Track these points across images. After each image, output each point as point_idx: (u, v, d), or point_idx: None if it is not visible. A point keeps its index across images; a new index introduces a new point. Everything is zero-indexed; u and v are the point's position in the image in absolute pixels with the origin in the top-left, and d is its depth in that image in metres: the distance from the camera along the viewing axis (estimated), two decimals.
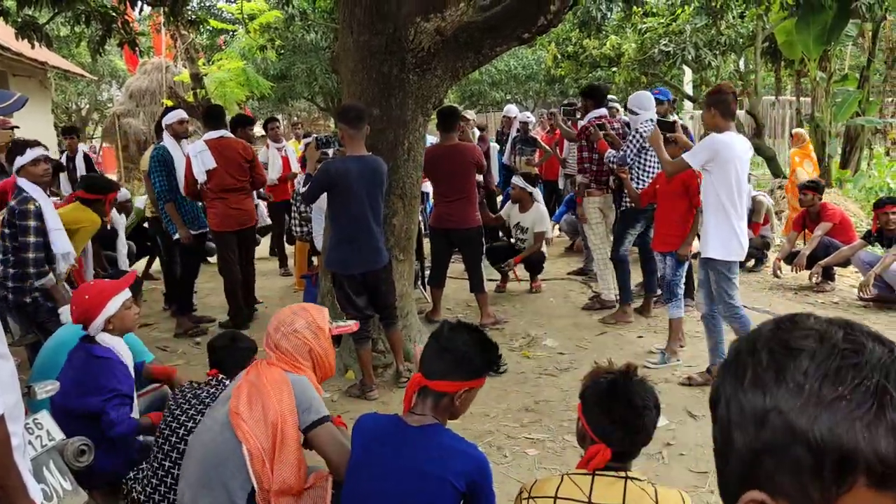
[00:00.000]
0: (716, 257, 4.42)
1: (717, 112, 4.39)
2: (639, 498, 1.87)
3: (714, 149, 4.34)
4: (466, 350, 2.21)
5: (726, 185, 4.37)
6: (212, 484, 2.39)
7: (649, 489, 1.89)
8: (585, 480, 1.93)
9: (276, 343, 2.62)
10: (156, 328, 6.45)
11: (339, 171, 4.44)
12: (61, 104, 25.39)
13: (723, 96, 4.39)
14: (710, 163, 4.36)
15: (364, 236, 4.56)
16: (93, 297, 3.20)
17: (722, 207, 4.39)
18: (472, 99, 24.24)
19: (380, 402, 4.59)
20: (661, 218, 5.20)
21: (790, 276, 7.52)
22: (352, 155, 4.51)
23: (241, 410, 2.43)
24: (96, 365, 3.11)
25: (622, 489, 1.89)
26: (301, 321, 2.66)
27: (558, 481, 1.96)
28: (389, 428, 2.25)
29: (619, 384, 2.03)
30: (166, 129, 6.11)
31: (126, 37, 7.32)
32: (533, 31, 4.87)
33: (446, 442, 2.18)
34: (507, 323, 6.18)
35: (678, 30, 11.93)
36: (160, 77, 16.30)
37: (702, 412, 4.29)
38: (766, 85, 18.15)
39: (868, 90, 12.59)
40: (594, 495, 1.89)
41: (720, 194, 4.38)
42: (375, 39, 4.85)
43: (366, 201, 4.50)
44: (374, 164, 4.54)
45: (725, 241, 4.40)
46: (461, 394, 2.21)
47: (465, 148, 6.05)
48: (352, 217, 4.51)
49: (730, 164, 4.35)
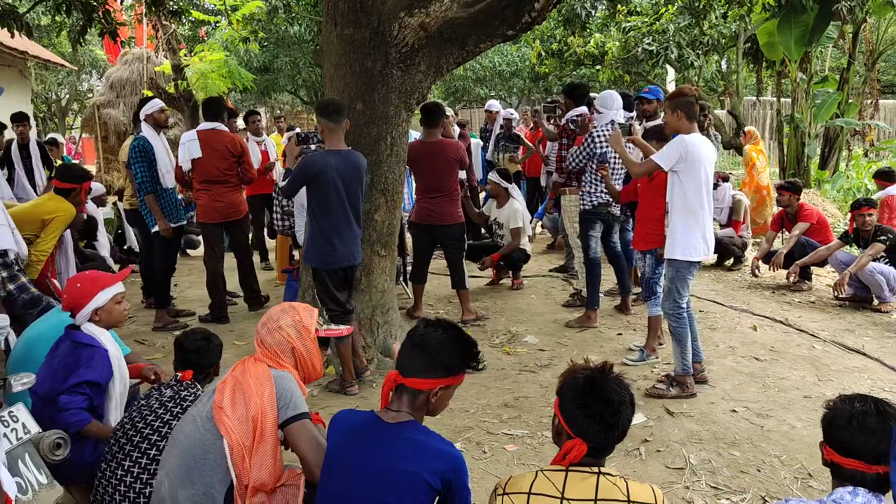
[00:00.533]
0: (680, 258, 4.41)
1: (683, 114, 4.38)
2: (610, 492, 1.90)
3: (684, 149, 4.32)
4: (441, 348, 2.21)
5: (695, 186, 4.36)
6: (192, 475, 2.40)
7: (621, 484, 1.92)
8: (559, 476, 1.95)
9: (261, 338, 2.64)
10: (134, 321, 6.40)
11: (319, 165, 4.41)
12: (41, 94, 25.07)
13: (687, 99, 4.37)
14: (681, 163, 4.34)
15: (345, 231, 4.55)
16: (85, 286, 3.17)
17: (690, 208, 4.39)
18: (457, 95, 24.22)
19: (360, 398, 4.59)
20: (641, 216, 5.22)
21: (768, 275, 7.60)
22: (331, 149, 4.49)
23: (224, 405, 2.44)
24: (78, 352, 3.08)
25: (594, 484, 1.92)
26: (287, 319, 2.67)
27: (533, 477, 1.98)
28: (365, 425, 2.24)
29: (596, 380, 2.04)
30: (146, 119, 6.04)
31: (107, 27, 7.22)
32: (517, 28, 4.88)
33: (421, 439, 2.17)
34: (488, 319, 6.19)
35: (661, 29, 11.98)
36: (141, 68, 16.12)
37: (679, 409, 4.33)
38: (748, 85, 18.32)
39: (848, 92, 12.72)
40: (567, 491, 1.92)
41: (689, 195, 4.37)
42: (359, 33, 4.84)
43: (345, 196, 4.49)
44: (354, 158, 4.53)
45: (693, 241, 4.39)
46: (437, 391, 2.21)
47: (448, 144, 6.05)
48: (332, 212, 4.49)
49: (699, 165, 4.34)
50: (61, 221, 5.02)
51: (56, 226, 4.98)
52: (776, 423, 4.11)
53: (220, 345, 3.27)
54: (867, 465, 1.95)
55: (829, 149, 13.22)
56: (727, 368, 5.02)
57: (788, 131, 12.70)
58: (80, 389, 2.99)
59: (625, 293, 6.37)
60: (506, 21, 4.78)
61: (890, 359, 5.11)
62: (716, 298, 6.83)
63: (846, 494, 1.96)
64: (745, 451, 3.80)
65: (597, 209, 5.90)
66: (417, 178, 6.13)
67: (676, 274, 4.45)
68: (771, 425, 4.10)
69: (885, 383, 4.73)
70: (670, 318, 4.52)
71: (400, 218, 5.59)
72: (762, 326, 5.97)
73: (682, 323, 4.48)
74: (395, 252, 5.54)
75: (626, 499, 1.89)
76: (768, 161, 10.84)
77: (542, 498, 1.92)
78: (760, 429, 4.07)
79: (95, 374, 3.03)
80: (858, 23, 12.22)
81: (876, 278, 6.30)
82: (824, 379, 4.82)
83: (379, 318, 5.20)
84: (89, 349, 3.08)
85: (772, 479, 3.53)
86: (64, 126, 26.91)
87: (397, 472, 2.10)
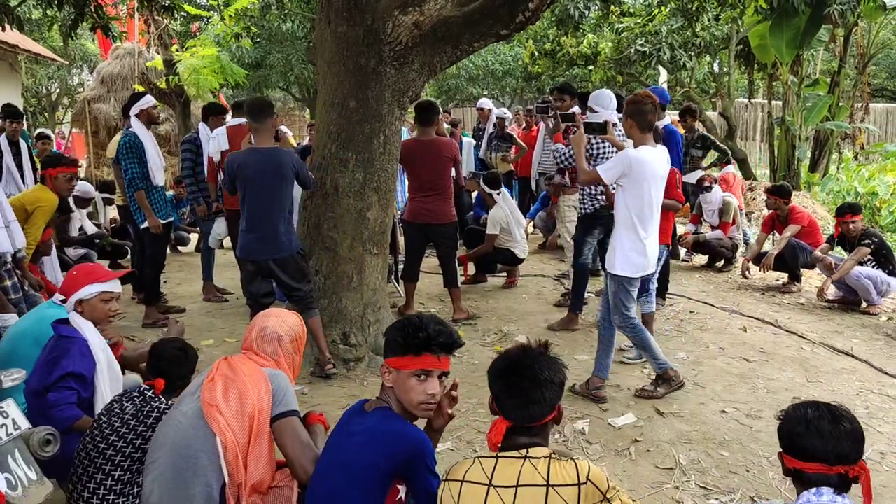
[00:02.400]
0: (620, 274, 4.30)
1: (635, 123, 4.20)
2: (531, 476, 1.92)
3: (627, 165, 4.14)
4: (394, 330, 2.31)
5: (637, 203, 4.21)
6: (184, 478, 2.36)
7: (542, 467, 1.93)
8: (490, 463, 1.99)
9: (261, 347, 2.67)
10: (125, 317, 6.37)
11: (239, 163, 4.62)
12: (31, 88, 24.91)
13: (641, 106, 4.16)
14: (623, 178, 4.18)
15: (264, 226, 4.67)
16: (80, 275, 3.22)
17: (631, 224, 4.25)
18: (449, 94, 24.22)
19: (350, 395, 4.58)
20: None
21: (758, 277, 7.64)
22: (254, 147, 4.68)
23: (217, 402, 2.41)
24: (60, 344, 3.07)
25: (518, 469, 1.94)
26: (286, 328, 2.74)
27: (469, 464, 2.03)
28: (347, 415, 2.31)
29: (520, 357, 2.10)
30: (139, 115, 6.00)
31: (99, 21, 7.19)
32: (511, 28, 4.88)
33: (379, 424, 2.19)
34: (479, 318, 6.20)
35: (654, 30, 12.01)
36: (132, 63, 16.05)
37: (668, 410, 4.35)
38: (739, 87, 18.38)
39: (838, 95, 12.78)
40: (495, 478, 1.94)
41: (631, 210, 4.23)
42: (353, 31, 4.83)
43: (267, 192, 4.64)
44: (276, 156, 4.66)
45: (631, 258, 4.27)
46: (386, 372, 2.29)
47: (443, 143, 6.05)
48: (252, 207, 4.66)
49: (643, 182, 4.17)
50: (45, 211, 5.07)
51: (40, 215, 5.04)
52: (765, 424, 4.13)
53: (196, 357, 3.14)
54: (829, 467, 2.01)
55: (819, 151, 13.28)
56: (717, 369, 5.04)
57: (779, 133, 12.76)
58: (66, 384, 2.97)
59: None
60: (500, 20, 4.78)
61: (878, 361, 5.14)
62: (706, 299, 6.85)
63: (812, 497, 2.01)
64: (735, 452, 3.82)
65: (598, 212, 5.74)
66: (411, 176, 6.12)
67: (619, 288, 4.34)
68: (760, 426, 4.12)
69: (874, 385, 4.76)
70: (624, 331, 4.45)
71: (392, 216, 5.59)
72: (752, 328, 6.00)
73: (636, 331, 4.41)
74: (387, 250, 5.54)
75: (546, 482, 1.90)
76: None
77: (472, 485, 1.96)
78: (750, 429, 4.09)
79: (77, 366, 3.01)
80: (850, 26, 12.28)
81: (863, 282, 6.33)
82: (813, 380, 4.85)
83: (370, 316, 5.19)
84: (68, 340, 3.06)
85: (760, 479, 3.55)
86: (54, 121, 26.73)
87: (356, 459, 2.13)
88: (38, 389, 3.00)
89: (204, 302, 6.87)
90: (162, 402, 2.82)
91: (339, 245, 5.07)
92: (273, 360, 2.63)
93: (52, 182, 5.33)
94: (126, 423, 2.73)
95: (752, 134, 18.33)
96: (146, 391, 2.87)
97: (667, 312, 6.01)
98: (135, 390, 2.91)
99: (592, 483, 1.92)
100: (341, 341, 5.07)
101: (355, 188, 5.01)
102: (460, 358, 5.26)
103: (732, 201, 8.14)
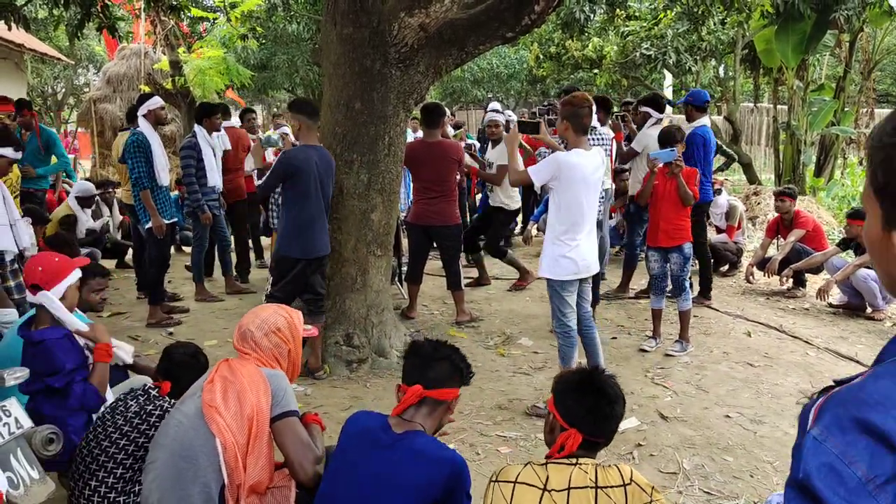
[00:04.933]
0: (549, 276, 4.24)
1: (570, 126, 4.11)
2: (581, 479, 2.03)
3: (557, 167, 4.07)
4: (458, 358, 2.45)
5: (568, 206, 4.13)
6: (184, 479, 2.35)
7: (591, 471, 2.05)
8: (542, 469, 2.09)
9: (255, 341, 2.62)
10: (128, 317, 6.38)
11: (301, 158, 4.63)
12: (37, 87, 24.97)
13: (576, 109, 4.08)
14: (554, 181, 4.11)
15: (321, 221, 4.77)
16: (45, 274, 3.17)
17: (561, 227, 4.19)
18: (454, 96, 24.22)
19: (352, 398, 4.58)
20: (665, 215, 5.30)
21: (763, 282, 7.62)
22: (309, 145, 4.72)
23: (216, 403, 2.40)
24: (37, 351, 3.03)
25: (569, 473, 2.05)
26: (282, 321, 2.69)
27: (521, 467, 2.12)
28: (375, 429, 2.30)
29: (591, 376, 2.22)
30: (147, 115, 6.02)
31: (105, 21, 7.20)
32: (517, 31, 4.88)
33: (423, 448, 2.22)
34: (482, 321, 6.19)
35: (660, 34, 12.00)
36: (138, 63, 16.08)
37: (673, 414, 4.34)
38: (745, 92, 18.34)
39: (844, 100, 12.75)
40: (549, 482, 2.04)
41: (562, 213, 4.17)
42: (358, 33, 4.83)
43: (326, 190, 4.76)
44: (328, 155, 4.82)
45: (561, 261, 4.18)
46: (455, 401, 2.41)
47: (448, 145, 6.05)
48: (312, 202, 4.69)
49: (573, 185, 4.09)
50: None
51: None
52: (769, 430, 4.12)
53: (206, 365, 3.13)
54: None
55: (824, 156, 13.24)
56: (721, 374, 5.03)
57: (784, 138, 12.73)
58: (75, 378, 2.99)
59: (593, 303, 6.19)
60: (505, 23, 4.78)
61: None
62: (710, 304, 6.83)
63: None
64: (739, 457, 3.81)
65: None
66: (416, 178, 6.12)
67: (553, 292, 4.28)
68: (764, 431, 4.11)
69: None
70: (559, 336, 4.35)
71: (396, 218, 5.59)
72: (756, 332, 5.98)
73: (570, 342, 4.30)
74: (391, 252, 5.53)
75: (595, 484, 2.02)
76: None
77: (526, 487, 2.05)
78: (754, 434, 4.08)
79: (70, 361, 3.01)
80: (855, 32, 12.25)
81: (869, 285, 6.31)
82: (818, 386, 4.81)
83: (374, 317, 5.18)
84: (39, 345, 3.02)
85: (764, 484, 3.53)
86: (59, 120, 26.80)
87: (399, 477, 2.15)
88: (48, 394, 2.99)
89: (208, 302, 6.86)
90: (165, 402, 2.83)
91: (343, 246, 5.07)
92: (257, 357, 2.60)
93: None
94: (129, 420, 2.75)
95: (757, 138, 18.30)
96: (151, 390, 2.89)
97: (670, 316, 5.99)
98: (139, 389, 2.92)
99: (637, 484, 2.04)
100: (344, 343, 5.07)
101: (360, 189, 5.01)
102: None
103: (739, 206, 8.13)
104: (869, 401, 0.83)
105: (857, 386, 0.87)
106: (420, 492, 2.14)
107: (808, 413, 0.92)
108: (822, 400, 0.90)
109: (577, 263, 4.21)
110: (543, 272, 4.29)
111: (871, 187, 0.93)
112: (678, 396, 4.62)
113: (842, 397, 0.87)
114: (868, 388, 0.85)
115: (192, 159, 6.61)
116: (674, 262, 5.35)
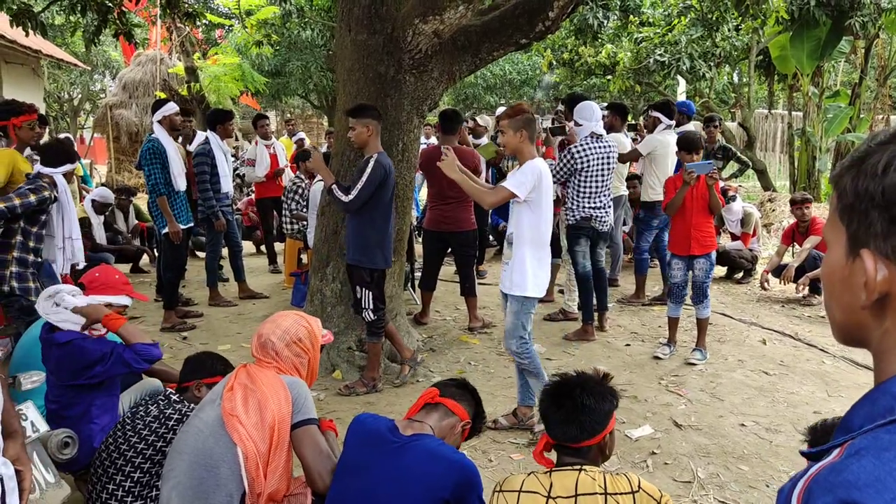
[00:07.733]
0: (531, 294, 3.97)
1: (527, 136, 3.88)
2: (589, 486, 2.03)
3: (538, 177, 3.84)
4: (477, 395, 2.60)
5: (544, 217, 3.92)
6: (206, 488, 2.33)
7: (599, 477, 2.05)
8: (546, 477, 2.10)
9: (276, 351, 2.62)
10: (143, 321, 6.41)
11: (390, 165, 4.53)
12: (53, 93, 25.21)
13: (528, 116, 3.88)
14: (534, 192, 3.84)
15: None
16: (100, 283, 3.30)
17: (541, 241, 3.96)
18: (467, 102, 24.25)
19: (365, 403, 4.57)
20: (696, 224, 5.28)
21: (778, 289, 7.56)
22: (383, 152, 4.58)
23: (237, 412, 2.39)
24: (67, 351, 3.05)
25: (575, 479, 2.05)
26: (303, 330, 2.69)
27: (524, 476, 2.13)
28: (384, 431, 2.29)
29: (570, 381, 2.22)
30: (162, 121, 6.07)
31: (121, 28, 7.26)
32: (531, 37, 4.89)
33: (434, 451, 2.22)
34: (494, 327, 6.17)
35: (674, 40, 11.96)
36: (154, 69, 16.22)
37: (687, 422, 4.31)
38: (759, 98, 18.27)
39: (859, 107, 12.67)
40: (553, 490, 2.05)
41: (540, 226, 3.92)
42: (373, 39, 4.85)
43: None
44: None
45: (540, 277, 3.97)
46: (465, 424, 2.46)
47: (465, 151, 6.05)
48: (391, 213, 4.64)
49: (549, 194, 3.91)
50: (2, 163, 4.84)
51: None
52: (785, 439, 4.08)
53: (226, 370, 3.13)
54: None
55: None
56: (736, 382, 4.99)
57: (799, 145, 12.65)
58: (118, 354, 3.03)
59: (602, 309, 6.09)
60: (519, 29, 4.79)
61: None
62: (725, 311, 6.79)
63: None
64: (754, 466, 3.78)
65: (580, 224, 5.73)
66: (432, 183, 6.12)
67: (521, 308, 4.01)
68: (780, 440, 4.07)
69: None
70: (518, 357, 4.08)
71: (409, 224, 5.58)
72: (771, 340, 5.94)
73: (532, 357, 4.08)
74: (404, 258, 5.53)
75: (604, 491, 2.02)
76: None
77: (531, 495, 2.06)
78: (769, 444, 4.04)
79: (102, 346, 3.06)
80: (871, 38, 12.18)
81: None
82: (834, 395, 4.78)
83: None
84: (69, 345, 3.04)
85: None
86: (76, 125, 27.03)
87: (407, 483, 2.14)
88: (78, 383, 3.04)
89: (221, 307, 6.89)
90: (184, 406, 2.85)
91: None
92: (277, 366, 2.60)
93: (15, 132, 5.11)
94: (148, 424, 2.77)
95: (772, 145, 18.19)
96: (171, 394, 2.92)
97: (684, 324, 5.96)
98: (160, 394, 2.96)
99: (645, 492, 2.04)
100: (357, 348, 5.07)
101: None
102: (475, 367, 5.25)
103: (754, 213, 8.08)
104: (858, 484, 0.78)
105: (840, 467, 0.82)
106: (430, 492, 2.14)
107: (785, 495, 0.88)
108: (804, 485, 0.86)
109: (546, 279, 4.06)
110: (525, 290, 3.95)
111: (837, 212, 0.93)
112: (693, 404, 4.59)
113: (829, 483, 0.81)
114: (853, 469, 0.80)
115: (206, 165, 6.61)
116: (699, 268, 5.32)
